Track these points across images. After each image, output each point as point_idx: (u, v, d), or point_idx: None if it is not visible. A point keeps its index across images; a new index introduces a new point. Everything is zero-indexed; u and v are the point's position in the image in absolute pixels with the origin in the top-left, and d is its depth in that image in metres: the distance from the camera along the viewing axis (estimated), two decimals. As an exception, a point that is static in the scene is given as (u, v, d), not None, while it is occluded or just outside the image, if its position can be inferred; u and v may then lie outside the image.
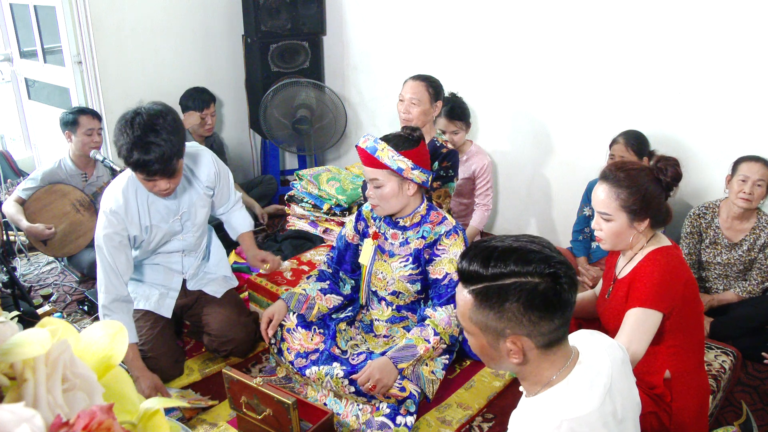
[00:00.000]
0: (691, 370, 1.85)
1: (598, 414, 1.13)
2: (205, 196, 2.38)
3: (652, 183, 1.77)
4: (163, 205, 2.28)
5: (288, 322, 2.30)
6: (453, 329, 2.13)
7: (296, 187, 3.54)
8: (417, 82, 2.79)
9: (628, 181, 1.75)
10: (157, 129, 1.99)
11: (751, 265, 2.72)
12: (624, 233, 1.79)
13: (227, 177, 2.49)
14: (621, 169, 1.79)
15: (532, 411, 1.18)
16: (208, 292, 2.52)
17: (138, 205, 2.22)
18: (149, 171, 2.03)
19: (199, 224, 2.40)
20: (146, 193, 2.22)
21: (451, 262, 2.16)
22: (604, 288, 2.00)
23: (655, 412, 1.82)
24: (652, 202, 1.76)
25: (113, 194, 2.21)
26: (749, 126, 2.76)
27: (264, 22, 3.97)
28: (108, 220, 2.18)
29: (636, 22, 2.95)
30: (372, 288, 2.34)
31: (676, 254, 1.81)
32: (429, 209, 2.23)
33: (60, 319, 1.28)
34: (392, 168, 2.09)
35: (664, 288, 1.72)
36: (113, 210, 2.18)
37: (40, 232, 3.06)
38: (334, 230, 3.32)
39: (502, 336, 1.15)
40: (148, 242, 2.31)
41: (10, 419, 0.50)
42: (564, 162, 3.40)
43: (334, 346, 2.24)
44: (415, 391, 2.07)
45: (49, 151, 4.18)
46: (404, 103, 2.78)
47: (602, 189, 1.79)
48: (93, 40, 3.60)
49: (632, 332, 1.70)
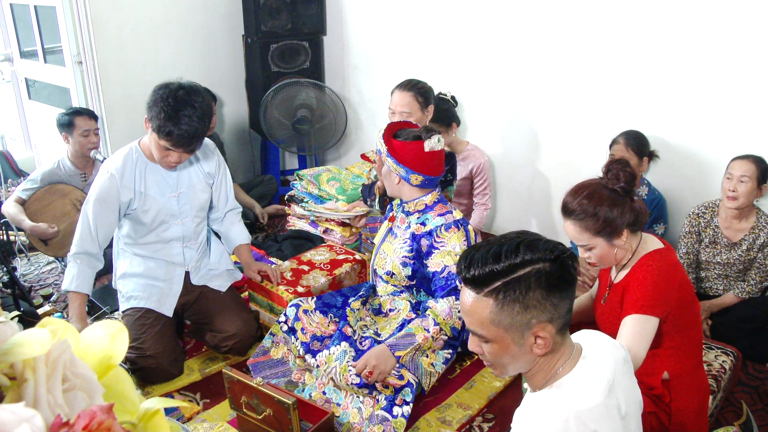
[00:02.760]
0: (690, 370, 1.84)
1: (603, 407, 1.14)
2: (205, 182, 2.45)
3: (609, 199, 1.73)
4: (160, 176, 2.34)
5: (306, 303, 2.35)
6: (454, 320, 2.14)
7: (296, 187, 3.54)
8: (404, 92, 2.71)
9: (585, 210, 1.73)
10: (194, 106, 2.13)
11: (750, 264, 2.72)
12: (609, 253, 1.78)
13: (226, 172, 2.55)
14: (575, 199, 1.76)
15: (539, 406, 1.18)
16: (214, 286, 2.55)
17: (136, 171, 2.31)
18: (173, 142, 2.14)
19: (197, 208, 2.44)
20: (145, 162, 2.32)
21: (450, 254, 2.19)
22: (600, 292, 2.00)
23: (655, 413, 1.82)
24: (619, 217, 1.72)
25: (116, 158, 2.32)
26: (749, 126, 2.76)
27: (264, 22, 3.98)
28: (103, 183, 2.28)
29: (637, 22, 2.95)
30: (374, 267, 2.43)
31: (669, 256, 1.80)
32: (437, 202, 2.28)
33: (60, 319, 1.28)
34: (377, 146, 2.28)
35: (658, 293, 1.72)
36: (111, 173, 2.28)
37: (43, 232, 3.06)
38: (335, 230, 3.32)
39: (528, 328, 1.14)
40: (143, 212, 2.34)
41: (10, 419, 0.50)
42: (564, 162, 3.40)
43: (346, 326, 2.27)
44: (413, 380, 2.09)
45: (50, 151, 4.18)
46: (396, 116, 2.72)
47: (568, 224, 1.78)
48: (93, 40, 3.60)
49: (631, 339, 1.69)
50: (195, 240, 2.49)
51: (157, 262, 2.45)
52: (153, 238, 2.41)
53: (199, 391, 2.35)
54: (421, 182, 2.22)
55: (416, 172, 2.19)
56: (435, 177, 2.24)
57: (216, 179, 2.50)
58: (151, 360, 2.30)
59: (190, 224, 2.43)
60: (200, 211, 2.47)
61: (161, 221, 2.38)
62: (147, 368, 2.32)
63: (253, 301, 2.73)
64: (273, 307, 2.59)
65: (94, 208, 2.29)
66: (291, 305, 2.37)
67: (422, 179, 2.21)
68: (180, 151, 2.18)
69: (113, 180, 2.27)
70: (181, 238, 2.44)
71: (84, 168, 3.27)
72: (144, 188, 2.32)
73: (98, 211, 2.29)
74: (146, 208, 2.33)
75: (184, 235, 2.44)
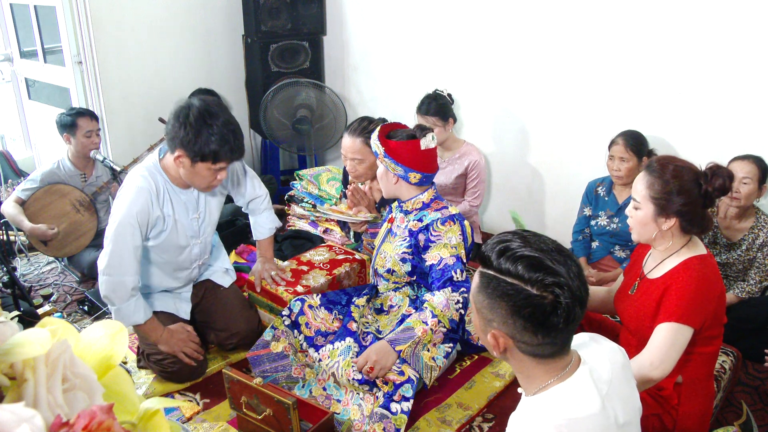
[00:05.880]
0: (703, 378, 1.83)
1: (599, 418, 1.13)
2: (220, 195, 2.44)
3: (691, 184, 1.70)
4: (183, 198, 2.28)
5: (311, 299, 2.37)
6: (452, 312, 2.15)
7: (296, 187, 3.54)
8: (352, 138, 2.59)
9: (667, 174, 1.71)
10: (218, 114, 2.06)
11: (750, 264, 2.72)
12: (648, 225, 1.75)
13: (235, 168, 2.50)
14: (668, 162, 1.74)
15: (532, 411, 1.18)
16: (217, 280, 2.57)
17: (162, 190, 2.21)
18: (235, 152, 2.09)
19: (212, 223, 2.44)
20: (170, 185, 2.23)
21: (446, 247, 2.21)
22: (627, 282, 1.95)
23: (659, 414, 1.81)
24: (683, 203, 1.69)
25: (139, 174, 2.18)
26: (749, 126, 2.76)
27: (264, 22, 3.98)
28: (136, 198, 2.12)
29: (637, 22, 2.95)
30: (375, 266, 2.45)
31: (712, 264, 1.76)
32: (433, 199, 2.32)
33: (60, 319, 1.28)
34: (372, 149, 2.28)
35: (698, 302, 1.68)
36: (141, 187, 2.14)
37: (42, 233, 3.06)
38: (335, 230, 3.32)
39: (489, 325, 1.18)
40: (172, 231, 2.26)
41: (10, 419, 0.50)
42: (564, 162, 3.40)
43: (351, 322, 2.28)
44: (413, 376, 2.10)
45: (49, 152, 4.18)
46: (348, 162, 2.64)
47: (641, 176, 1.77)
48: (93, 40, 3.60)
49: (663, 350, 1.66)
50: (206, 255, 2.51)
51: (170, 276, 2.43)
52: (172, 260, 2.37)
53: (199, 391, 2.35)
54: (419, 180, 2.24)
55: (414, 170, 2.22)
56: (431, 174, 2.28)
57: (227, 183, 2.48)
58: (171, 363, 2.30)
59: (206, 241, 2.45)
60: (215, 224, 2.47)
61: (186, 243, 2.35)
62: (174, 372, 2.32)
63: (252, 301, 2.73)
64: (273, 307, 2.59)
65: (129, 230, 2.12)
66: (296, 300, 2.38)
67: (420, 177, 2.23)
68: (234, 161, 2.15)
69: (143, 194, 2.13)
70: (198, 257, 2.45)
71: (84, 168, 3.27)
72: (172, 208, 2.25)
73: (133, 232, 2.13)
74: (167, 227, 2.26)
75: (200, 253, 2.45)
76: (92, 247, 3.21)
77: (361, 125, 2.62)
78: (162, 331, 2.30)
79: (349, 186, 2.71)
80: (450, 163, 3.31)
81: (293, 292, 2.54)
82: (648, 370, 1.66)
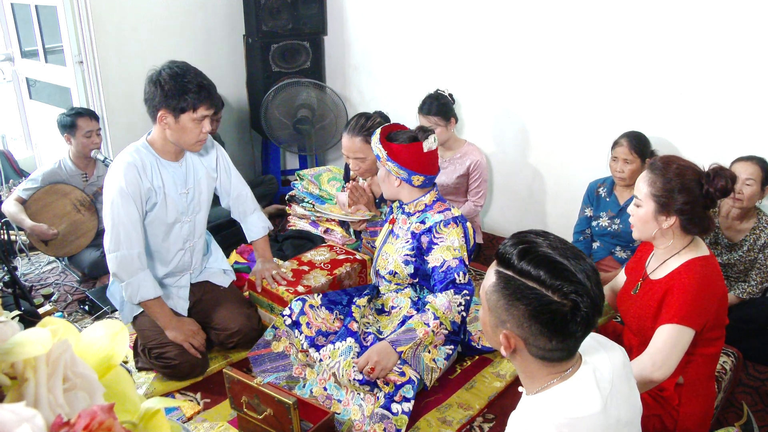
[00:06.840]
0: (704, 379, 1.83)
1: (600, 418, 1.13)
2: (209, 177, 2.45)
3: (693, 184, 1.70)
4: (172, 171, 2.30)
5: (312, 299, 2.37)
6: (454, 314, 2.15)
7: (297, 187, 3.54)
8: (351, 138, 2.60)
9: (669, 172, 1.71)
10: (202, 73, 2.21)
11: (751, 265, 2.72)
12: (649, 222, 1.75)
13: (228, 165, 2.55)
14: (671, 161, 1.74)
15: (533, 410, 1.18)
16: (215, 281, 2.58)
17: (150, 164, 2.25)
18: (213, 97, 2.18)
19: (202, 204, 2.44)
20: (157, 158, 2.27)
21: (449, 249, 2.20)
22: (630, 282, 1.95)
23: (659, 415, 1.81)
24: (684, 202, 1.69)
25: (126, 152, 2.24)
26: (752, 127, 2.76)
27: (265, 22, 3.98)
28: (124, 173, 2.17)
29: (638, 23, 2.95)
30: (377, 268, 2.45)
31: (714, 265, 1.76)
32: (436, 200, 2.31)
33: (61, 318, 1.28)
34: (374, 152, 2.27)
35: (700, 304, 1.68)
36: (128, 162, 2.19)
37: (43, 233, 3.06)
38: (335, 230, 3.32)
39: (501, 325, 1.17)
40: (161, 205, 2.28)
41: (10, 419, 0.50)
42: (565, 162, 3.40)
43: (352, 322, 2.28)
44: (414, 377, 2.10)
45: (50, 151, 4.18)
46: (350, 161, 2.66)
47: (644, 174, 1.77)
48: (94, 39, 3.60)
49: (665, 352, 1.66)
50: (198, 239, 2.50)
51: (164, 265, 2.44)
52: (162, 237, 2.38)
53: (200, 390, 2.35)
54: (422, 182, 2.24)
55: (417, 172, 2.21)
56: (434, 176, 2.28)
57: (218, 173, 2.51)
58: (171, 359, 2.30)
59: (200, 218, 2.45)
60: (206, 207, 2.47)
61: (175, 220, 2.36)
62: (176, 366, 2.32)
63: (253, 301, 2.73)
64: (273, 307, 2.59)
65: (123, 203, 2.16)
66: (297, 299, 2.38)
67: (423, 179, 2.24)
68: (213, 108, 2.20)
69: (132, 170, 2.18)
70: (188, 238, 2.44)
71: (85, 168, 3.27)
72: (161, 182, 2.27)
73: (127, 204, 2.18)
74: (161, 200, 2.28)
75: (189, 234, 2.44)
76: (93, 247, 3.22)
77: (358, 123, 2.62)
78: (172, 316, 2.33)
79: (348, 184, 2.71)
80: (451, 163, 3.31)
81: (294, 292, 2.53)
82: (650, 371, 1.66)
